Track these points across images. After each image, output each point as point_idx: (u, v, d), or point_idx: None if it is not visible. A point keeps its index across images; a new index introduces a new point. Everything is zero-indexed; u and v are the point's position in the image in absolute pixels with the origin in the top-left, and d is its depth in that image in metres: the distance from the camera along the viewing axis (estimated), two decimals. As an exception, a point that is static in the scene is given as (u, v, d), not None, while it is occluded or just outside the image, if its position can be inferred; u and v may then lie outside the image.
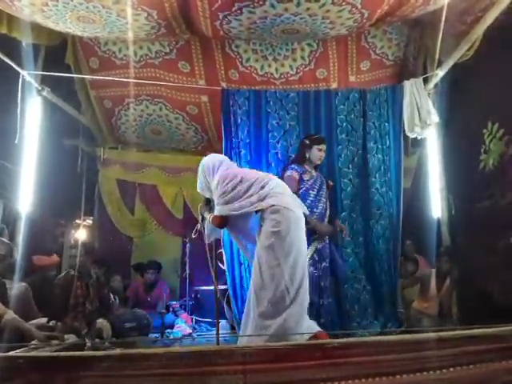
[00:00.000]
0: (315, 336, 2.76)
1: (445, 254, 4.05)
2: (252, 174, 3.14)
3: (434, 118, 4.03)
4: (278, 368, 1.57)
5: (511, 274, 3.18)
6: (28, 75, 3.99)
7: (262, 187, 2.97)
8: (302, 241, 2.96)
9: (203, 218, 3.32)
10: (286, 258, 2.82)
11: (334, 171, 4.07)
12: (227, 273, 3.92)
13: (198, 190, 3.33)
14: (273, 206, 2.88)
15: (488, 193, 3.64)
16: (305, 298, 2.89)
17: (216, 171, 3.16)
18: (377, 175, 4.05)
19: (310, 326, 2.88)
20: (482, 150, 3.79)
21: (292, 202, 3.00)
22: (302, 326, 2.81)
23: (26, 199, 4.05)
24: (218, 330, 3.24)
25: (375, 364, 1.61)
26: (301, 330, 2.79)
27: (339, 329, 3.65)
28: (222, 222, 3.09)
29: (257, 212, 3.01)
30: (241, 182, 3.00)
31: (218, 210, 3.04)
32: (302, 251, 2.94)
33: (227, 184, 3.00)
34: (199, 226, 3.41)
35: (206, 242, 3.31)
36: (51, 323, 3.58)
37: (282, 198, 2.96)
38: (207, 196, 3.27)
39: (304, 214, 3.07)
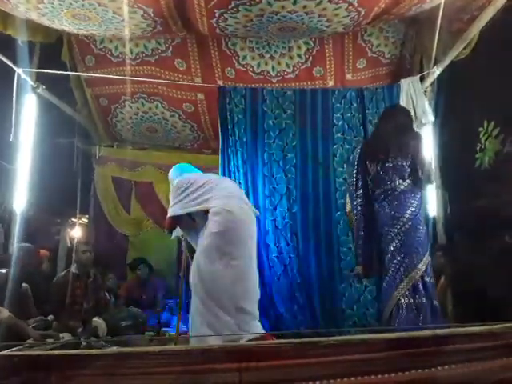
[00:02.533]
0: (261, 337, 2.84)
1: (440, 251, 4.06)
2: (203, 177, 3.34)
3: (430, 117, 4.04)
4: (274, 366, 1.57)
5: (506, 272, 3.20)
6: (23, 73, 3.97)
7: (209, 190, 3.13)
8: (243, 243, 3.04)
9: None
10: (223, 259, 2.92)
11: (329, 171, 4.07)
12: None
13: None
14: (214, 208, 3.01)
15: (483, 191, 3.65)
16: (247, 298, 2.97)
17: (175, 179, 3.40)
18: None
19: (257, 328, 2.97)
20: (478, 149, 3.80)
21: (236, 205, 3.09)
22: (247, 326, 2.91)
23: (21, 197, 4.04)
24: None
25: (370, 362, 1.62)
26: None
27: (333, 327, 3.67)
28: (171, 223, 3.28)
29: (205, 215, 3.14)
30: (190, 185, 3.18)
31: (169, 212, 3.24)
32: (245, 253, 3.02)
33: (179, 188, 3.21)
34: None
35: (172, 237, 3.57)
36: (49, 317, 3.58)
37: (227, 200, 3.07)
38: None
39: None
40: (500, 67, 3.45)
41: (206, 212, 3.10)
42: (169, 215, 3.23)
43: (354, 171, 3.30)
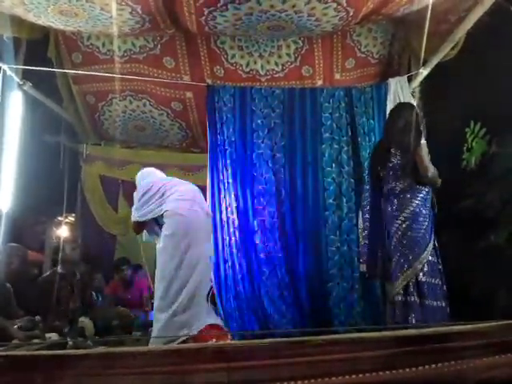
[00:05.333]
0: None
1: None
2: (161, 182, 3.44)
3: (418, 117, 4.07)
4: (262, 365, 1.56)
5: (492, 272, 3.23)
6: (9, 69, 3.92)
7: (162, 194, 3.28)
8: (193, 244, 3.16)
9: None
10: (175, 260, 3.09)
11: (318, 171, 4.08)
12: (212, 271, 3.90)
13: None
14: (166, 211, 3.18)
15: (470, 192, 3.69)
16: (201, 295, 3.15)
17: (140, 183, 3.51)
18: (362, 172, 4.06)
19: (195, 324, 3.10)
20: (465, 149, 3.83)
21: (186, 207, 3.23)
22: (194, 324, 3.06)
23: (6, 196, 3.98)
24: None
25: (357, 361, 1.62)
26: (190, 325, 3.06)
27: (320, 326, 3.68)
28: (135, 227, 3.48)
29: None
30: (149, 190, 3.33)
31: (132, 217, 3.43)
32: (194, 255, 3.15)
33: (139, 193, 3.37)
34: None
35: (144, 240, 3.71)
36: (36, 318, 3.54)
37: (178, 203, 3.23)
38: None
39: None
40: (486, 68, 3.49)
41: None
42: (132, 220, 3.42)
43: (366, 169, 3.33)
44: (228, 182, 4.05)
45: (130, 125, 5.39)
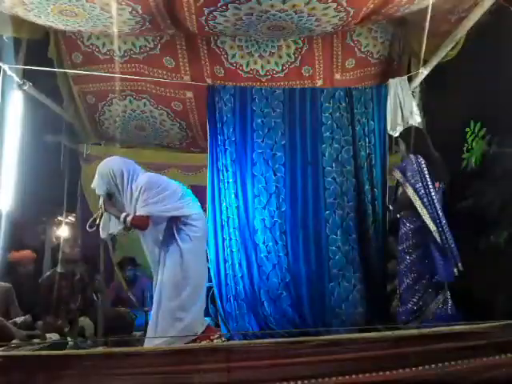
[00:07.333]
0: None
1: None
2: (172, 182, 3.47)
3: (417, 118, 4.08)
4: (262, 365, 1.57)
5: (492, 273, 3.23)
6: (9, 69, 3.91)
7: (183, 195, 3.36)
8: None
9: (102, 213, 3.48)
10: (201, 259, 3.36)
11: (318, 170, 4.08)
12: (212, 270, 3.91)
13: (100, 192, 3.42)
14: (196, 213, 3.32)
15: (470, 192, 3.68)
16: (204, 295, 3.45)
17: (135, 176, 3.33)
18: (361, 173, 4.07)
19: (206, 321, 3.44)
20: (465, 149, 3.83)
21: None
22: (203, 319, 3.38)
23: (6, 196, 3.98)
24: None
25: (358, 361, 1.62)
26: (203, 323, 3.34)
27: (321, 326, 3.70)
28: (144, 220, 3.25)
29: (172, 218, 3.31)
30: (166, 187, 3.32)
31: (145, 210, 3.19)
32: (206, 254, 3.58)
33: (156, 187, 3.25)
34: (98, 220, 3.51)
35: (102, 236, 3.58)
36: (19, 320, 3.54)
37: (198, 208, 3.43)
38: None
39: None
40: (487, 68, 3.49)
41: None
42: (149, 213, 3.21)
43: (429, 181, 3.48)
44: (228, 182, 4.05)
45: (131, 124, 5.39)
